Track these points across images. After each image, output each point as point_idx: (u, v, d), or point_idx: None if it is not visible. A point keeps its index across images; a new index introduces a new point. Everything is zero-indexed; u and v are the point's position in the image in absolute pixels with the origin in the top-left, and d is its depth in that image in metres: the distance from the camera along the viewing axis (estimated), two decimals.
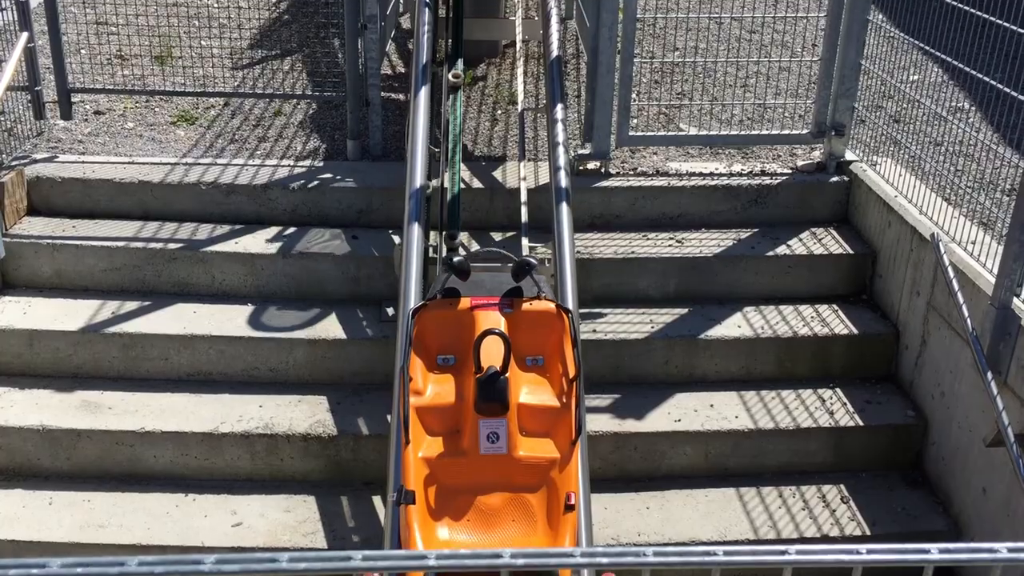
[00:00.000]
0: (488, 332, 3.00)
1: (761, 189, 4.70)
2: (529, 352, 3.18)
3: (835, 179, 4.74)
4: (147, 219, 4.61)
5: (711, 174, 4.77)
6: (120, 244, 4.42)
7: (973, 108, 5.22)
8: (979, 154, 4.73)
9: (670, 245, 4.56)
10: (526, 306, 3.21)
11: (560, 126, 4.16)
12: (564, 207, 3.81)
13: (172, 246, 4.43)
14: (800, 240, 4.60)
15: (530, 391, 3.05)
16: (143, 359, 4.22)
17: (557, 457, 2.98)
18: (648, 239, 4.60)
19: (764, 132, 5.08)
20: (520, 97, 4.95)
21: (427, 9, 4.38)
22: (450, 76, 4.31)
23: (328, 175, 4.73)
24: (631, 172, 4.79)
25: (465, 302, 3.22)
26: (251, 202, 4.64)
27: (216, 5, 6.66)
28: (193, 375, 4.25)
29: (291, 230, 4.58)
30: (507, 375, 2.98)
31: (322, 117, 5.41)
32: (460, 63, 4.48)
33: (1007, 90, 3.60)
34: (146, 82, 5.65)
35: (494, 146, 5.15)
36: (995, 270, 3.48)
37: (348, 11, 4.84)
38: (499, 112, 5.57)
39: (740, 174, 4.77)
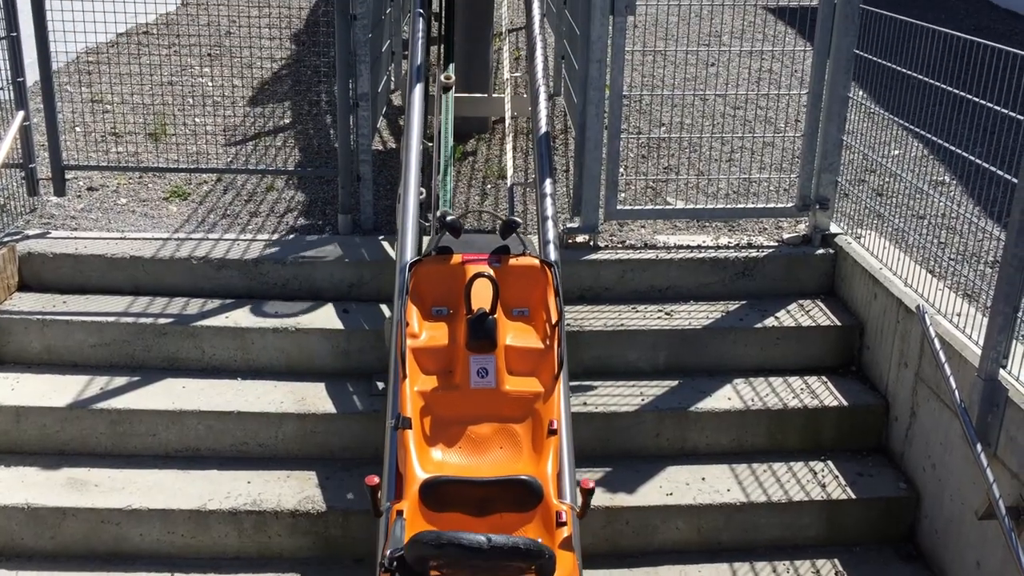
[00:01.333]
0: (477, 275, 3.35)
1: (748, 262, 4.75)
2: (515, 304, 3.52)
3: (821, 251, 4.79)
4: (138, 294, 4.62)
5: (699, 247, 4.83)
6: (110, 319, 4.42)
7: (955, 182, 5.32)
8: (962, 227, 4.80)
9: (659, 317, 4.58)
10: (512, 261, 3.56)
11: (549, 200, 4.23)
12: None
13: (162, 321, 4.43)
14: (788, 312, 4.63)
15: (516, 336, 3.39)
16: (131, 435, 4.19)
17: (541, 391, 3.29)
18: (637, 311, 4.63)
19: (750, 206, 5.16)
20: (509, 172, 5.02)
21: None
22: (442, 78, 5.01)
23: (319, 249, 4.77)
24: (619, 245, 4.84)
25: (457, 258, 3.57)
26: (242, 276, 4.67)
27: (210, 83, 6.77)
28: (181, 451, 4.22)
29: (282, 304, 4.60)
30: (495, 316, 3.31)
31: (314, 192, 5.47)
32: (452, 67, 5.27)
33: (986, 165, 3.67)
34: (140, 159, 5.72)
35: (484, 220, 5.21)
36: (981, 342, 3.51)
37: (341, 89, 4.93)
38: (489, 187, 5.64)
39: (727, 247, 4.83)
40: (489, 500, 2.98)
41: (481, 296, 3.33)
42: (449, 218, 3.65)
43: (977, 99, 3.68)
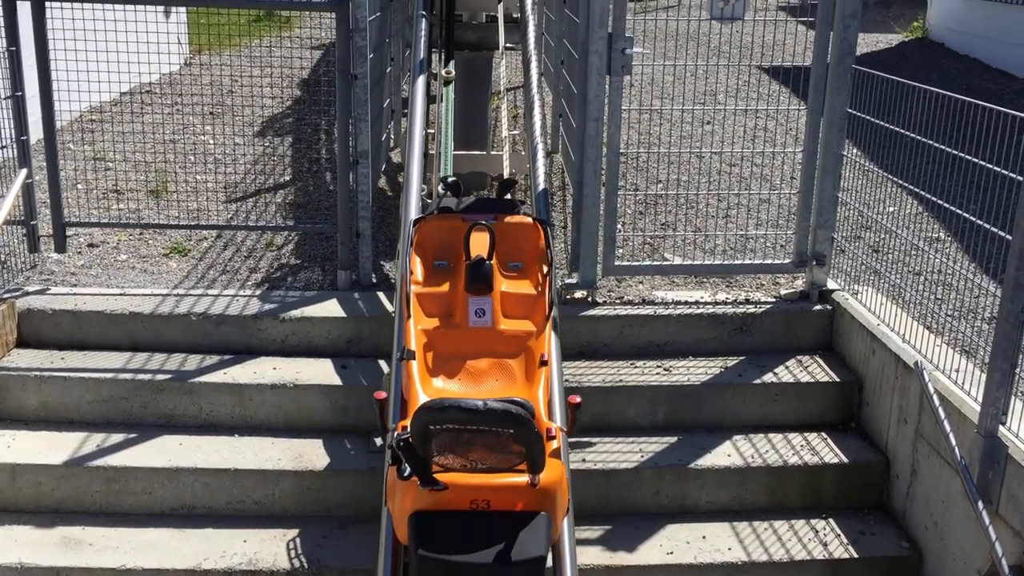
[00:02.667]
0: (475, 225, 3.76)
1: (746, 317, 4.76)
2: (510, 258, 3.90)
3: (818, 307, 4.81)
4: (136, 350, 4.62)
5: (696, 303, 4.84)
6: (108, 376, 4.41)
7: (950, 239, 5.35)
8: (958, 283, 4.82)
9: (658, 373, 4.58)
10: (508, 219, 3.94)
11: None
12: (552, 336, 3.85)
13: (160, 377, 4.42)
14: (786, 368, 4.63)
15: (510, 285, 3.77)
16: (126, 493, 4.16)
17: (533, 330, 3.65)
18: (636, 367, 4.62)
19: (747, 262, 5.19)
20: None
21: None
22: (443, 72, 5.59)
23: (318, 305, 4.78)
24: (618, 301, 4.86)
25: (457, 216, 3.95)
26: (241, 332, 4.67)
27: (212, 141, 6.85)
28: (177, 509, 4.18)
29: (280, 360, 4.60)
30: (492, 261, 3.70)
31: (313, 248, 5.50)
32: (452, 63, 5.79)
33: (980, 222, 3.71)
34: (140, 215, 5.76)
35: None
36: (979, 398, 3.51)
37: (341, 146, 4.99)
38: None
39: (725, 302, 4.84)
40: None
41: (479, 245, 3.73)
42: (451, 179, 4.23)
43: (970, 157, 3.72)
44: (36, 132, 4.95)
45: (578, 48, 4.89)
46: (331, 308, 4.75)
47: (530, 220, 3.98)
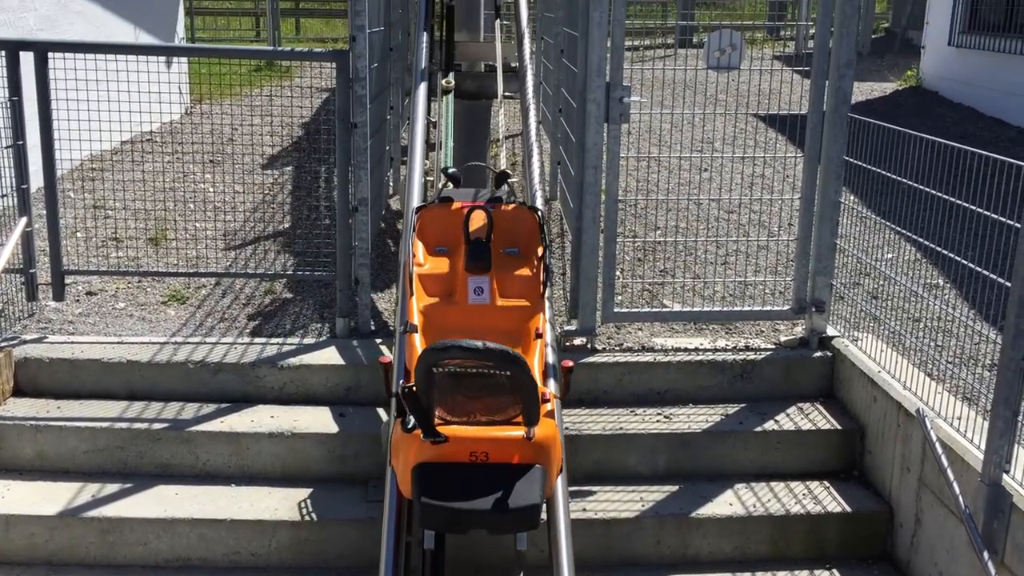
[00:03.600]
0: (474, 208, 4.04)
1: (746, 364, 4.74)
2: (507, 245, 4.13)
3: (818, 354, 4.79)
4: (133, 399, 4.59)
5: (696, 349, 4.83)
6: (104, 425, 4.38)
7: (949, 285, 5.36)
8: (958, 330, 4.82)
9: (658, 421, 4.55)
10: (504, 208, 4.19)
11: (546, 303, 4.26)
12: (551, 383, 3.85)
13: (157, 426, 4.39)
14: (787, 415, 4.60)
15: (507, 267, 4.01)
16: (121, 544, 4.10)
17: (529, 306, 3.90)
18: (636, 415, 4.60)
19: (746, 308, 5.18)
20: None
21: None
22: (443, 82, 6.03)
23: (316, 353, 4.76)
24: (617, 348, 4.84)
25: (457, 204, 4.19)
26: (238, 380, 4.65)
27: (211, 189, 6.87)
28: (172, 561, 4.13)
29: (278, 408, 4.57)
30: (490, 242, 3.97)
31: (312, 295, 5.49)
32: (452, 75, 6.23)
33: (979, 269, 3.71)
34: (139, 263, 5.76)
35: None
36: (982, 446, 3.48)
37: (340, 194, 5.01)
38: None
39: (725, 349, 4.83)
40: None
41: (477, 228, 4.03)
42: (451, 170, 4.50)
43: (967, 204, 3.73)
44: (36, 180, 4.97)
45: (576, 97, 4.94)
46: (329, 356, 4.74)
47: (526, 207, 4.26)
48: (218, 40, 19.50)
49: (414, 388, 3.15)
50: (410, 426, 3.25)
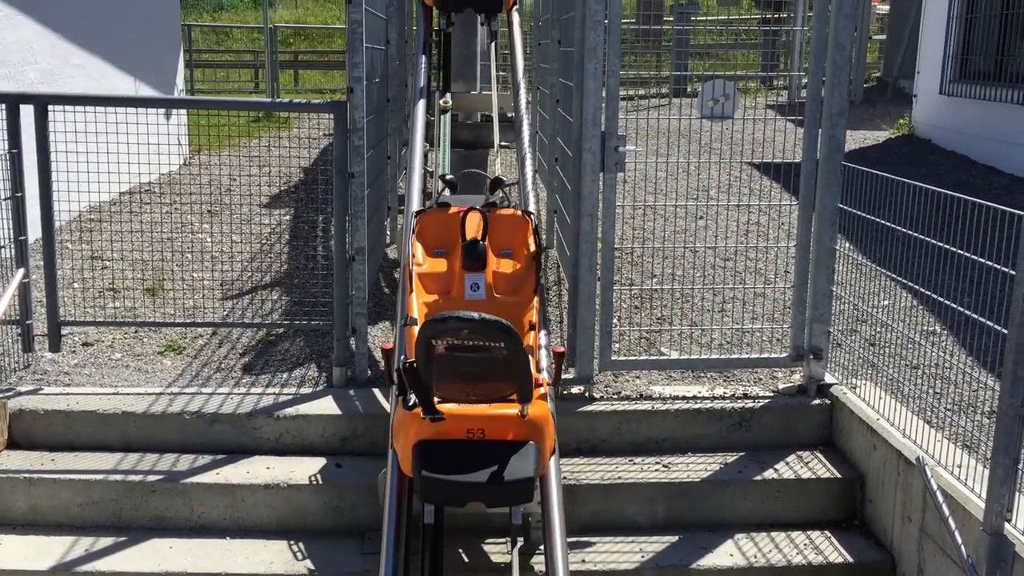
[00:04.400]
0: (471, 209, 4.32)
1: (744, 412, 4.73)
2: (501, 247, 4.36)
3: (817, 402, 4.78)
4: (128, 451, 4.56)
5: (694, 397, 4.81)
6: (98, 477, 4.34)
7: (946, 331, 5.36)
8: (956, 377, 4.81)
9: (657, 470, 4.52)
10: (499, 212, 4.47)
11: (544, 352, 4.26)
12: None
13: (151, 478, 4.36)
14: (787, 464, 4.58)
15: (502, 267, 4.23)
16: None
17: (523, 301, 4.13)
18: (634, 464, 4.57)
19: (744, 356, 5.17)
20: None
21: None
22: (441, 102, 6.25)
23: (313, 403, 4.74)
24: (615, 396, 4.83)
25: (454, 209, 4.45)
26: (234, 431, 4.62)
27: (209, 239, 6.89)
28: None
29: (274, 459, 4.54)
30: (485, 242, 4.22)
31: (309, 344, 5.48)
32: (449, 95, 6.40)
33: (975, 316, 3.71)
34: (136, 314, 5.75)
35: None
36: (983, 494, 3.46)
37: (337, 243, 5.02)
38: None
39: (723, 397, 4.81)
40: None
41: (473, 228, 4.28)
42: (448, 177, 4.75)
43: (961, 251, 3.75)
44: (35, 231, 4.99)
45: (572, 146, 4.98)
46: (326, 406, 4.71)
47: (519, 212, 4.57)
48: (218, 91, 19.72)
49: (414, 364, 3.33)
50: (411, 404, 3.44)
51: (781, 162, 5.33)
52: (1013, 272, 3.32)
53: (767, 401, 4.78)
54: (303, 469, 4.46)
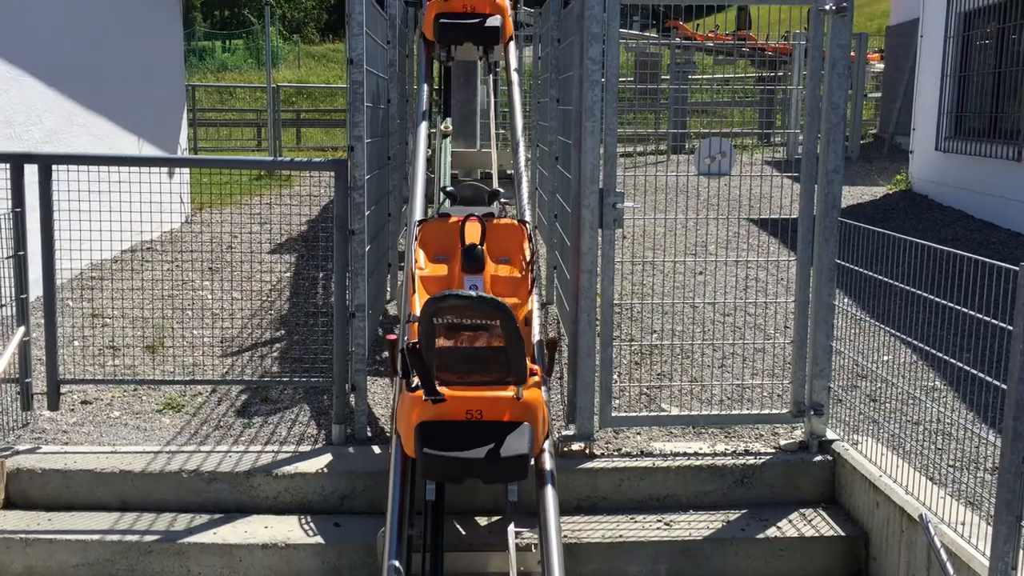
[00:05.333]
0: (470, 216, 4.60)
1: (746, 469, 4.69)
2: (499, 254, 4.61)
3: (819, 458, 4.75)
4: (126, 510, 4.52)
5: (695, 454, 4.78)
6: (95, 537, 4.30)
7: (946, 387, 5.34)
8: (957, 433, 4.78)
9: (659, 528, 4.48)
10: (496, 221, 4.73)
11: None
12: (549, 490, 3.83)
13: (148, 538, 4.31)
14: (789, 521, 4.53)
15: (499, 271, 4.46)
16: None
17: (519, 301, 4.30)
18: (636, 522, 4.52)
19: (745, 412, 5.15)
20: None
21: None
22: (442, 127, 6.66)
23: (312, 460, 4.71)
24: (616, 453, 4.80)
25: (454, 218, 4.71)
26: (232, 490, 4.58)
27: (210, 296, 6.91)
28: None
29: (272, 518, 4.50)
30: (483, 246, 4.46)
31: (308, 401, 5.46)
32: (448, 120, 6.84)
33: (975, 372, 3.71)
34: (136, 371, 5.75)
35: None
36: (987, 552, 3.42)
37: (338, 299, 5.03)
38: None
39: (724, 454, 4.78)
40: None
41: (472, 234, 4.53)
42: (449, 189, 5.16)
43: (959, 307, 3.76)
44: (36, 290, 5.00)
45: (571, 203, 5.02)
46: (325, 464, 4.68)
47: (515, 222, 4.81)
48: (220, 149, 19.92)
49: (417, 345, 3.58)
50: (414, 385, 3.69)
51: (779, 218, 5.36)
52: (1011, 328, 3.33)
53: (769, 457, 4.75)
54: (301, 528, 4.42)
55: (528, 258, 4.60)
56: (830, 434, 4.82)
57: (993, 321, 3.53)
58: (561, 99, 6.24)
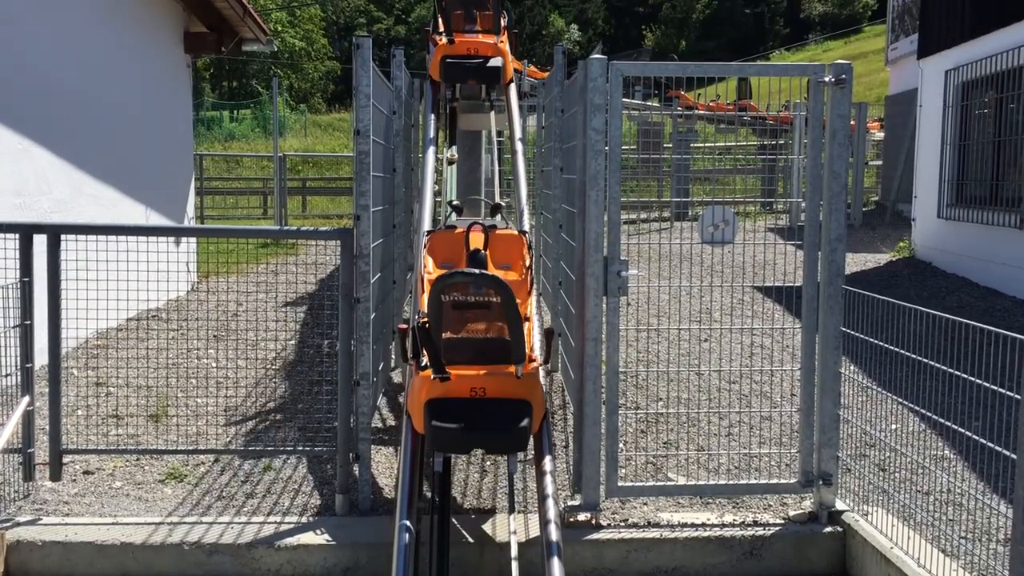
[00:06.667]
0: (473, 223, 5.06)
1: (755, 540, 4.62)
2: (501, 260, 5.03)
3: (829, 529, 4.68)
4: None
5: (703, 525, 4.72)
6: None
7: (956, 456, 5.29)
8: (969, 503, 4.72)
9: None
10: (498, 231, 5.14)
11: (549, 478, 4.20)
12: (555, 562, 3.78)
13: None
14: None
15: (501, 275, 4.39)
16: None
17: (520, 301, 4.38)
18: None
19: (753, 482, 5.09)
20: None
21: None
22: (448, 154, 7.25)
23: (315, 532, 4.65)
24: (622, 523, 4.73)
25: (459, 229, 5.12)
26: (234, 562, 4.52)
27: (215, 364, 6.90)
28: None
29: None
30: (486, 251, 4.86)
31: (312, 471, 5.42)
32: (454, 148, 7.35)
33: (983, 441, 3.68)
34: (139, 440, 5.71)
35: (483, 498, 5.12)
36: None
37: (342, 368, 5.02)
38: (488, 463, 5.60)
39: (733, 524, 4.72)
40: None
41: (476, 240, 4.96)
42: (455, 203, 5.74)
43: (967, 376, 3.74)
44: (41, 358, 5.00)
45: (575, 270, 5.04)
46: (328, 535, 4.62)
47: (515, 232, 5.25)
48: (227, 217, 20.09)
49: (427, 324, 3.95)
50: (423, 364, 4.06)
51: (783, 285, 5.37)
52: (1019, 397, 3.31)
53: (778, 529, 4.69)
54: None
55: (527, 264, 5.05)
56: (840, 504, 4.76)
57: (1000, 390, 3.51)
58: (565, 168, 6.30)
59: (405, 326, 4.33)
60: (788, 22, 65.38)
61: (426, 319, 3.97)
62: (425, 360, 4.04)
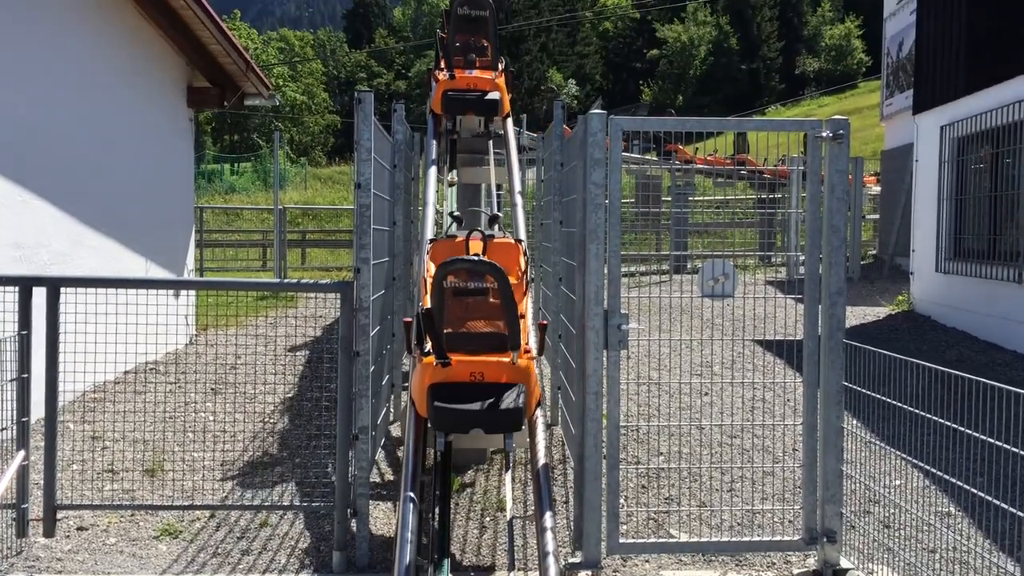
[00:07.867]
0: (473, 230, 5.44)
1: None
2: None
3: None
4: None
5: None
6: None
7: (961, 513, 5.23)
8: (974, 561, 4.66)
9: None
10: (495, 240, 5.53)
11: (549, 535, 4.14)
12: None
13: None
14: None
15: None
16: None
17: (516, 301, 4.61)
18: None
19: (756, 539, 5.02)
20: (508, 504, 4.93)
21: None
22: (449, 177, 7.37)
23: None
24: None
25: (459, 238, 5.49)
26: None
27: (212, 418, 6.85)
28: None
29: None
30: (485, 256, 4.84)
31: (309, 527, 5.34)
32: (455, 172, 7.48)
33: (989, 498, 3.64)
34: (134, 495, 5.64)
35: (483, 555, 5.05)
36: None
37: (341, 422, 4.98)
38: (487, 519, 5.53)
39: None
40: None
41: (475, 249, 5.28)
42: (456, 214, 6.00)
43: (970, 431, 3.71)
44: (37, 411, 4.96)
45: (575, 323, 5.03)
46: None
47: (512, 240, 5.62)
48: (226, 270, 20.11)
49: (430, 310, 4.27)
50: (426, 350, 4.38)
51: (784, 339, 5.36)
52: (1023, 453, 3.28)
53: None
54: None
55: (523, 269, 5.43)
56: (844, 562, 4.69)
57: (1005, 446, 3.48)
58: (564, 221, 6.33)
59: (410, 320, 4.75)
60: (783, 78, 66.22)
61: (430, 308, 4.29)
62: (428, 347, 4.35)
